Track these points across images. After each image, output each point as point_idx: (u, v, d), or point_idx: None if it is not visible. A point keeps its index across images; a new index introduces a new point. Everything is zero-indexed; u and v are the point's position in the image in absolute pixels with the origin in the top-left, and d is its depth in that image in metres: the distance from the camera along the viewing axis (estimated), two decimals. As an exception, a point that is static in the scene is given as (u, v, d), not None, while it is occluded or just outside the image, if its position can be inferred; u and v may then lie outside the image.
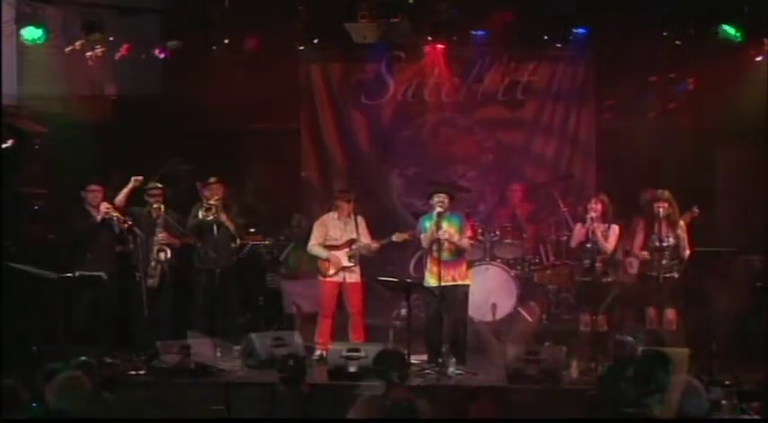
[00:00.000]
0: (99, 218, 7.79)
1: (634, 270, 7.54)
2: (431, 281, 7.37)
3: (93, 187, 7.90)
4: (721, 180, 9.09)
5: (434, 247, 7.29)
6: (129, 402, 5.28)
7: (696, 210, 7.65)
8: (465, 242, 7.51)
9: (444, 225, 7.33)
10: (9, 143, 7.98)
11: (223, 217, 7.99)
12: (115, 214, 7.74)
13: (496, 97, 9.79)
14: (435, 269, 7.25)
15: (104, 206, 7.77)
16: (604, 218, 7.45)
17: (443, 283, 7.24)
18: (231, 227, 8.11)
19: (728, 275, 7.94)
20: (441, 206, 7.33)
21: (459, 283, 7.44)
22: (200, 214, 7.96)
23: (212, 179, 8.10)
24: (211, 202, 7.92)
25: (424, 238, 7.49)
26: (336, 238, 7.87)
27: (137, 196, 7.98)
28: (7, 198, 7.84)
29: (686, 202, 7.59)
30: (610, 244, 7.42)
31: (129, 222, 7.78)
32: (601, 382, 6.01)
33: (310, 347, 7.70)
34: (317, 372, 7.13)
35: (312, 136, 10.22)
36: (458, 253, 7.45)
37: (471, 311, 7.87)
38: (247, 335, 7.52)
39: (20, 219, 7.99)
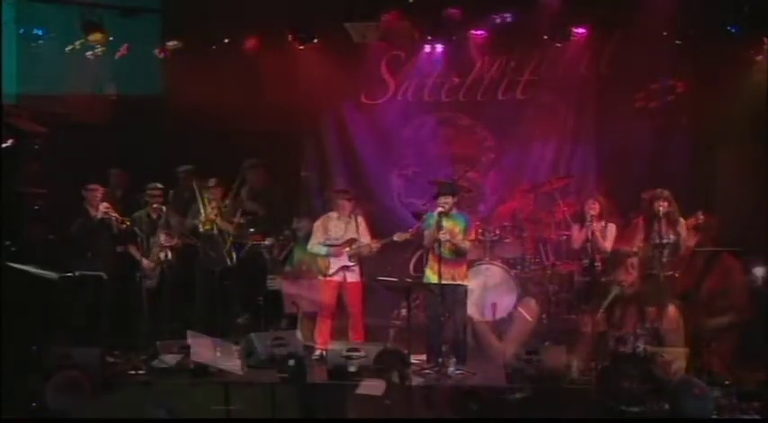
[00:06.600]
0: (98, 217, 7.84)
1: (635, 270, 7.54)
2: (431, 278, 7.38)
3: (93, 186, 7.98)
4: (721, 180, 9.07)
5: (435, 246, 7.31)
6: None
7: (701, 216, 7.61)
8: (466, 243, 7.50)
9: (448, 225, 7.35)
10: (9, 143, 7.98)
11: (220, 222, 8.07)
12: (114, 215, 7.81)
13: (496, 97, 9.78)
14: (436, 266, 7.27)
15: (103, 206, 7.83)
16: (601, 217, 7.58)
17: (443, 281, 7.25)
18: (230, 229, 8.16)
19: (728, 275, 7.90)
20: (443, 207, 7.35)
21: (459, 282, 7.46)
22: (200, 221, 8.06)
23: (212, 182, 8.15)
24: (210, 215, 8.02)
25: (427, 235, 7.52)
26: (337, 238, 7.87)
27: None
28: (7, 198, 7.83)
29: (688, 202, 7.58)
30: (608, 243, 7.57)
31: (128, 222, 7.85)
32: (601, 382, 6.01)
33: (310, 347, 7.70)
34: (317, 372, 7.13)
35: (312, 136, 10.24)
36: (458, 253, 7.45)
37: (471, 311, 7.87)
38: (247, 335, 7.51)
39: (20, 219, 7.98)
